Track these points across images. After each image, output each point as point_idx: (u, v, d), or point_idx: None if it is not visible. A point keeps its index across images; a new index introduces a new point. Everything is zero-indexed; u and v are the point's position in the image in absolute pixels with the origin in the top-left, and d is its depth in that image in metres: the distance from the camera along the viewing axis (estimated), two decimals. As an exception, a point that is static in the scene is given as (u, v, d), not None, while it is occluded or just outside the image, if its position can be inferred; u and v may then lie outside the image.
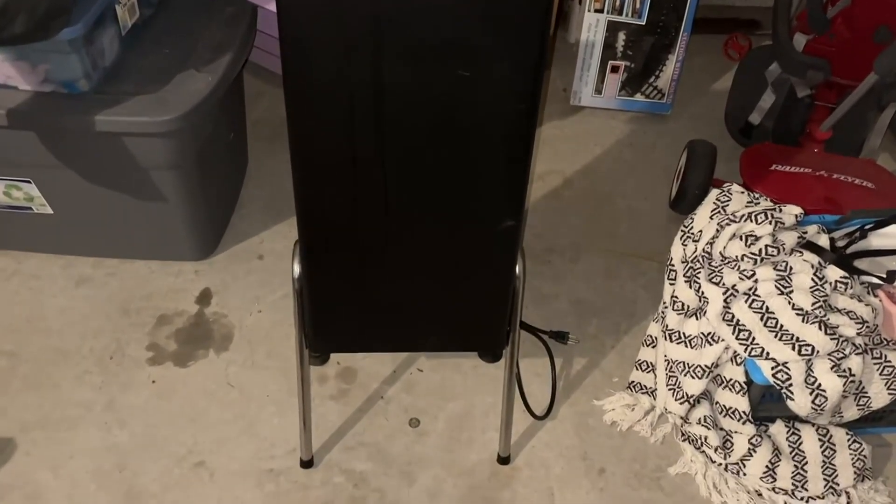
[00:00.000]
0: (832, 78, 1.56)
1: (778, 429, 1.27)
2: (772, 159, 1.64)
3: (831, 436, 1.27)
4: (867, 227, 1.34)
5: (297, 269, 1.16)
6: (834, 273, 1.17)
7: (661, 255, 1.61)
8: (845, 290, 1.18)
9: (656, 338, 1.38)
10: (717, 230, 1.25)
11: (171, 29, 1.43)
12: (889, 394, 1.20)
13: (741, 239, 1.21)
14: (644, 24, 1.89)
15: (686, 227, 1.33)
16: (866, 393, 1.20)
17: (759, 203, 1.28)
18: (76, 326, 1.46)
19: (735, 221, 1.23)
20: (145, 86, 1.29)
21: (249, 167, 1.82)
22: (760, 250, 1.18)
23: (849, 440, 1.26)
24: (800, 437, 1.27)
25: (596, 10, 1.90)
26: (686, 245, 1.31)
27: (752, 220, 1.22)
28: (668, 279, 1.35)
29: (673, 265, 1.34)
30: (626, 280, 1.63)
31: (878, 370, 1.18)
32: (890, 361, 1.19)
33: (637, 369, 1.41)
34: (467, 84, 0.93)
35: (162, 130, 1.26)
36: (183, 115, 1.26)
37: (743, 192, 1.33)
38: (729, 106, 1.91)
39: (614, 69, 1.97)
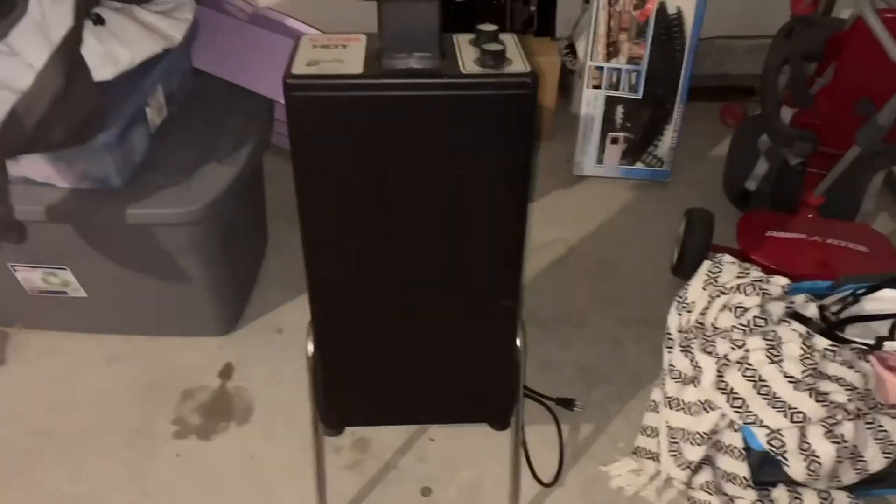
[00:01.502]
0: (820, 148, 1.63)
1: (780, 493, 1.31)
2: (767, 226, 1.70)
3: (833, 499, 1.29)
4: (859, 291, 1.39)
5: (310, 348, 1.24)
6: (822, 342, 1.22)
7: (664, 321, 1.67)
8: (834, 357, 1.23)
9: (659, 403, 1.43)
10: (709, 301, 1.31)
11: (196, 123, 1.55)
12: (884, 457, 1.23)
13: (731, 310, 1.27)
14: (640, 98, 1.99)
15: (681, 298, 1.39)
16: (862, 457, 1.23)
17: (748, 274, 1.34)
18: (106, 403, 1.54)
19: (725, 293, 1.30)
20: (172, 178, 1.40)
21: (269, 242, 1.92)
22: (749, 321, 1.24)
23: (850, 503, 1.29)
24: (802, 501, 1.30)
25: (594, 87, 2.00)
26: (681, 315, 1.37)
27: (740, 292, 1.28)
28: (667, 347, 1.40)
29: (670, 334, 1.40)
30: (631, 345, 1.69)
31: (871, 435, 1.22)
32: (883, 426, 1.22)
33: (642, 434, 1.45)
34: (463, 180, 1.02)
35: (188, 220, 1.36)
36: (207, 205, 1.36)
37: (734, 263, 1.39)
38: (726, 173, 1.98)
39: (614, 140, 2.06)
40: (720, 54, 2.46)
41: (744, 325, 1.24)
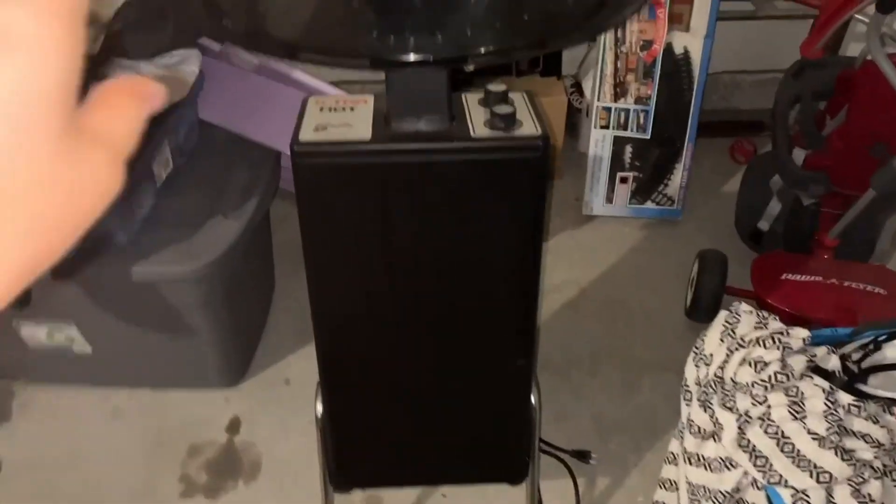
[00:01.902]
0: (833, 189, 1.61)
1: (805, 553, 1.26)
2: (782, 268, 1.67)
3: (861, 558, 1.25)
4: (881, 338, 1.36)
5: (319, 408, 1.21)
6: (845, 398, 1.19)
7: (679, 365, 1.63)
8: (859, 412, 1.19)
9: (677, 455, 1.39)
10: (727, 355, 1.28)
11: (202, 175, 1.54)
12: (914, 515, 1.19)
13: (751, 365, 1.24)
14: (649, 137, 1.97)
15: (698, 350, 1.36)
16: (891, 515, 1.19)
17: (767, 325, 1.31)
18: (111, 460, 1.51)
19: (744, 346, 1.26)
20: (178, 234, 1.39)
21: (276, 288, 1.90)
22: (770, 377, 1.21)
23: (879, 563, 1.24)
24: (828, 560, 1.25)
25: (602, 127, 1.99)
26: (699, 367, 1.34)
27: (760, 345, 1.25)
28: (684, 399, 1.37)
29: (688, 386, 1.36)
30: (646, 392, 1.65)
31: (900, 492, 1.18)
32: (911, 483, 1.18)
33: (661, 488, 1.41)
34: (474, 242, 1.00)
35: (193, 278, 1.34)
36: (213, 262, 1.34)
37: (751, 312, 1.36)
38: (738, 212, 1.96)
39: (623, 180, 2.04)
40: (727, 89, 2.45)
41: (765, 381, 1.21)
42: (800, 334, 1.27)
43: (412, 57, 0.81)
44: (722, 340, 1.32)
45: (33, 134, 0.21)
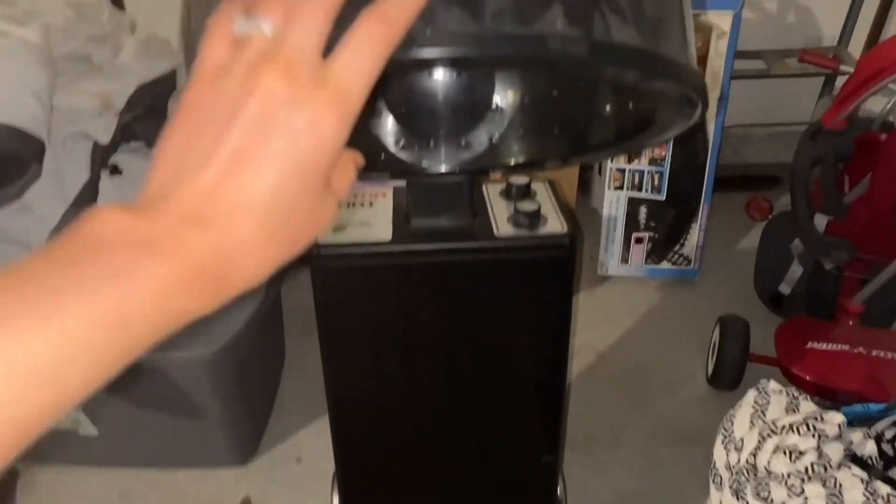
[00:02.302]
0: (858, 255, 1.57)
1: None
2: (807, 336, 1.63)
3: None
4: (914, 415, 1.31)
5: (336, 500, 1.16)
6: (883, 488, 1.14)
7: (703, 437, 1.58)
8: (899, 504, 1.14)
9: (707, 540, 1.33)
10: (759, 441, 1.23)
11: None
12: None
13: (785, 453, 1.19)
14: (664, 199, 1.94)
15: (727, 432, 1.31)
16: None
17: (798, 407, 1.26)
18: (118, 548, 1.46)
19: (776, 433, 1.22)
20: (188, 316, 1.35)
21: (286, 359, 1.86)
22: (807, 467, 1.16)
23: None
24: None
25: (616, 188, 1.96)
26: (729, 451, 1.29)
27: (794, 432, 1.20)
28: (714, 482, 1.31)
29: (717, 470, 1.31)
30: (670, 466, 1.60)
31: (946, 589, 1.12)
32: (958, 579, 1.12)
33: (690, 574, 1.35)
34: (498, 340, 0.96)
35: (204, 362, 1.30)
36: (223, 347, 1.31)
37: (780, 392, 1.32)
38: (757, 275, 1.92)
39: (639, 240, 2.01)
40: (739, 143, 2.43)
41: (801, 472, 1.16)
42: (835, 419, 1.23)
43: (435, 168, 0.78)
44: (752, 424, 1.27)
45: (312, 187, 0.33)
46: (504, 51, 0.37)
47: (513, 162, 0.80)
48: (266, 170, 0.31)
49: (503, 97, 0.77)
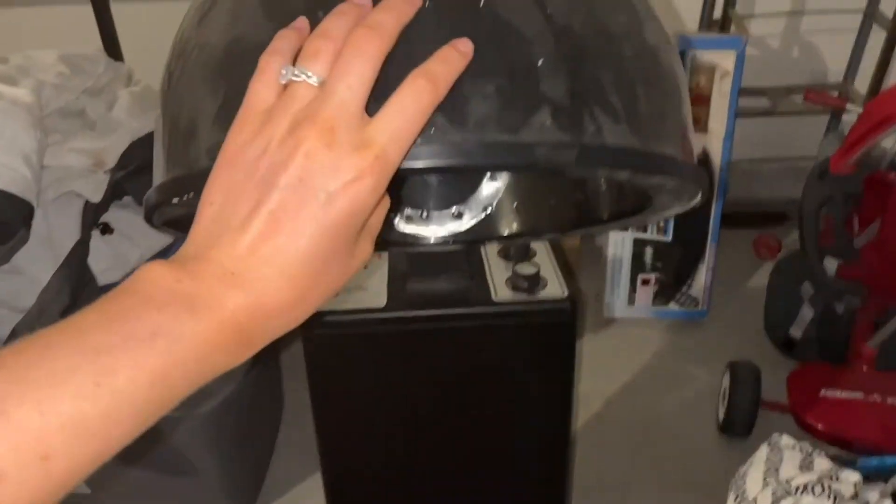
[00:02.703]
0: (870, 298, 1.53)
1: None
2: (820, 382, 1.58)
3: None
4: (934, 470, 1.26)
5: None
6: (906, 553, 1.09)
7: (714, 486, 1.53)
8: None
9: None
10: (773, 501, 1.18)
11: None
12: None
13: (800, 516, 1.14)
14: (670, 240, 1.91)
15: (739, 490, 1.26)
16: None
17: (812, 465, 1.21)
18: None
19: (791, 493, 1.17)
20: (183, 373, 1.32)
21: (285, 408, 1.82)
22: (823, 532, 1.11)
23: None
24: None
25: (620, 229, 1.93)
26: (741, 510, 1.24)
27: (809, 492, 1.15)
28: (727, 543, 1.26)
29: (730, 529, 1.26)
30: (681, 519, 1.55)
31: None
32: None
33: None
34: (497, 406, 0.93)
35: (199, 422, 1.27)
36: (219, 404, 1.27)
37: (794, 447, 1.27)
38: (767, 318, 1.87)
39: (645, 282, 1.97)
40: (746, 178, 2.39)
41: (817, 536, 1.11)
42: (850, 479, 1.18)
43: (426, 239, 0.75)
44: (766, 482, 1.23)
45: (344, 246, 0.34)
46: (489, 161, 0.34)
47: (507, 233, 0.78)
48: (301, 234, 0.33)
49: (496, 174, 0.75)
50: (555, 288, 0.87)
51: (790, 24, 2.18)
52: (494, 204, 0.78)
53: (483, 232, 0.78)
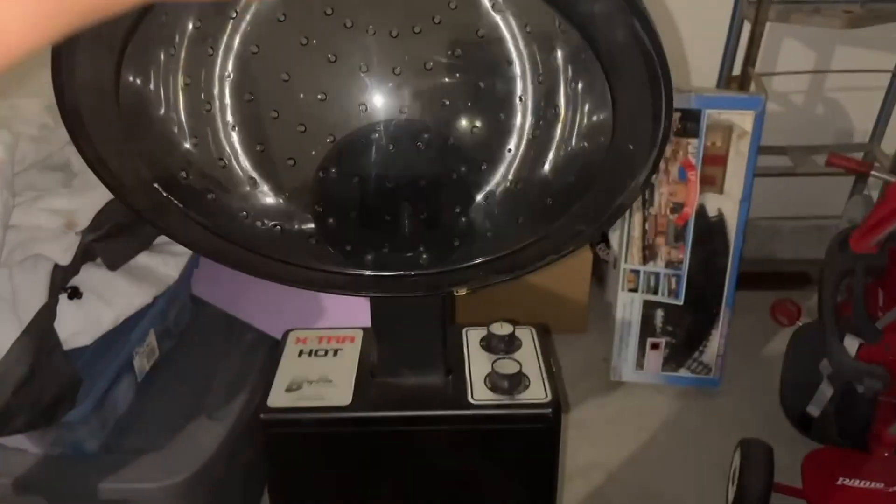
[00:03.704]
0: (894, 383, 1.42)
1: None
2: (837, 469, 1.48)
3: None
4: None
5: None
6: None
7: (721, 580, 1.43)
8: None
9: None
10: None
11: (190, 363, 1.41)
12: None
13: None
14: (682, 303, 1.82)
15: None
16: None
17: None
18: None
19: None
20: (154, 440, 1.25)
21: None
22: None
23: None
24: None
25: (630, 290, 1.85)
26: None
27: None
28: None
29: None
30: None
31: None
32: None
33: None
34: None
35: (169, 495, 1.20)
36: (191, 477, 1.20)
37: (807, 550, 1.17)
38: (784, 392, 1.77)
39: (655, 346, 1.88)
40: (765, 237, 2.30)
41: None
42: None
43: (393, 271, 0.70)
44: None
45: None
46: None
47: (479, 260, 0.72)
48: None
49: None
50: (537, 389, 0.79)
51: (814, 81, 2.10)
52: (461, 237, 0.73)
53: (456, 264, 0.73)
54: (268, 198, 0.77)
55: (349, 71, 0.72)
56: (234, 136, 0.74)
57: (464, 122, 0.74)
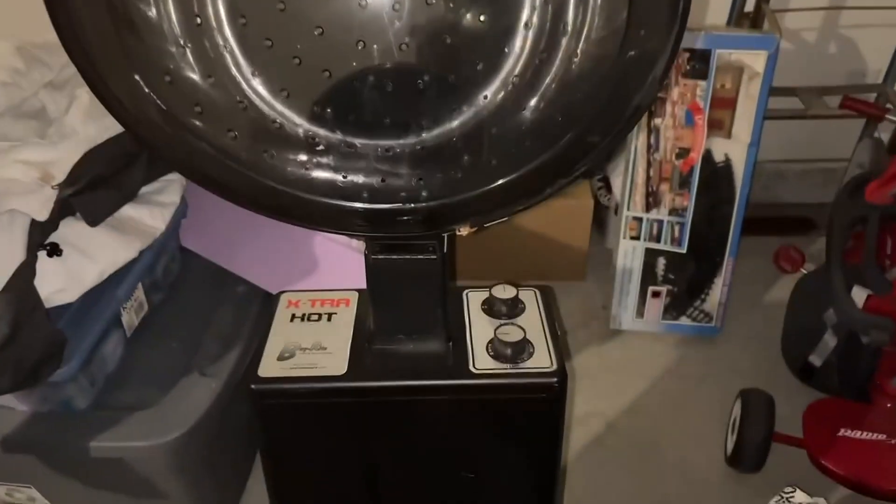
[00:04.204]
0: (900, 334, 1.40)
1: None
2: (839, 421, 1.46)
3: None
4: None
5: None
6: None
7: (718, 528, 1.44)
8: None
9: None
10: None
11: (181, 316, 1.37)
12: None
13: None
14: (685, 251, 1.78)
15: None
16: None
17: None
18: None
19: (803, 566, 1.06)
20: (146, 397, 1.22)
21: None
22: None
23: None
24: None
25: (632, 238, 1.80)
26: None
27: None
28: None
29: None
30: (681, 560, 1.45)
31: None
32: None
33: None
34: (474, 484, 0.82)
35: (162, 452, 1.18)
36: (184, 434, 1.18)
37: (809, 505, 1.16)
38: (785, 341, 1.75)
39: (655, 294, 1.85)
40: (770, 180, 2.25)
41: None
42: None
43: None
44: (776, 546, 1.12)
45: None
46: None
47: (482, 189, 0.68)
48: None
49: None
50: (542, 357, 0.76)
51: (827, 18, 2.01)
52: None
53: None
54: (259, 123, 0.71)
55: (347, 4, 0.65)
56: (228, 59, 0.68)
57: (468, 16, 0.67)
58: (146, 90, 0.66)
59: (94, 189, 1.04)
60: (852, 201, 1.53)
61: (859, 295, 1.44)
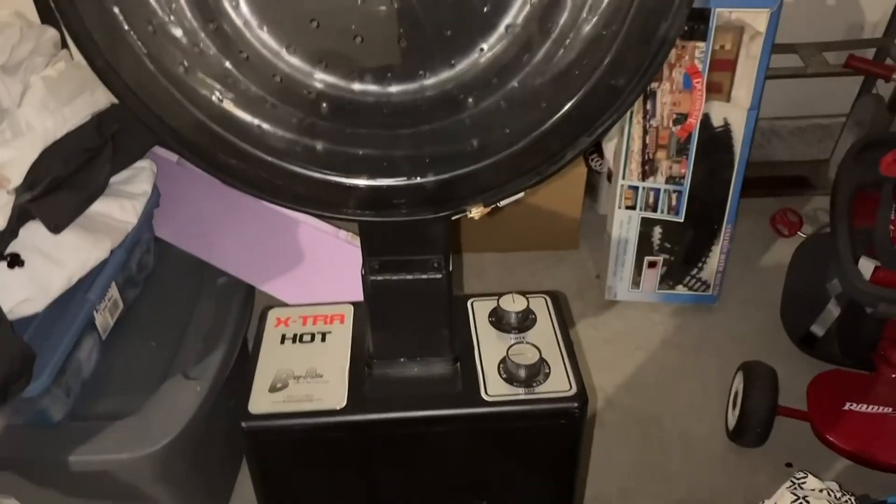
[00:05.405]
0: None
1: None
2: (844, 394, 1.44)
3: None
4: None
5: None
6: None
7: (720, 498, 1.42)
8: None
9: None
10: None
11: (159, 314, 1.29)
12: None
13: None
14: (682, 220, 1.72)
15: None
16: None
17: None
18: None
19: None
20: (127, 404, 1.15)
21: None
22: None
23: None
24: None
25: (627, 207, 1.74)
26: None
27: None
28: None
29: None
30: (685, 538, 1.43)
31: None
32: None
33: None
34: (486, 509, 0.77)
35: (146, 463, 1.11)
36: (167, 445, 1.11)
37: (822, 491, 1.13)
38: (785, 309, 1.71)
39: (652, 264, 1.80)
40: (765, 137, 2.18)
41: None
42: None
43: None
44: (790, 537, 1.09)
45: None
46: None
47: (495, 158, 0.61)
48: None
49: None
50: (560, 379, 0.69)
51: (828, -33, 1.92)
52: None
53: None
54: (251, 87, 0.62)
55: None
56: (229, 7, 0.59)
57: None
58: (126, 27, 0.57)
59: (54, 192, 0.95)
60: (857, 166, 1.47)
61: (866, 266, 1.39)
